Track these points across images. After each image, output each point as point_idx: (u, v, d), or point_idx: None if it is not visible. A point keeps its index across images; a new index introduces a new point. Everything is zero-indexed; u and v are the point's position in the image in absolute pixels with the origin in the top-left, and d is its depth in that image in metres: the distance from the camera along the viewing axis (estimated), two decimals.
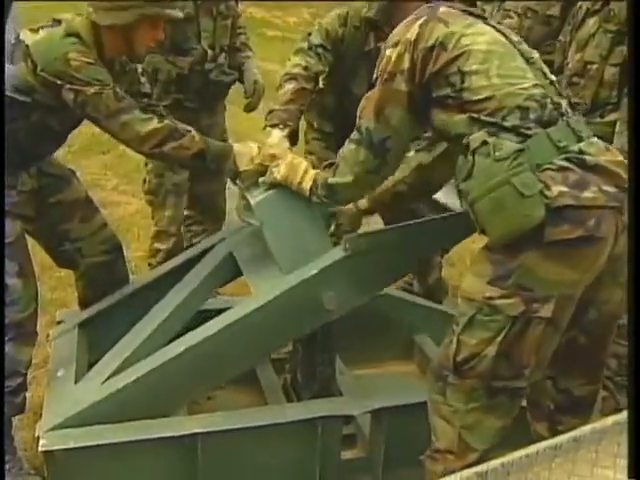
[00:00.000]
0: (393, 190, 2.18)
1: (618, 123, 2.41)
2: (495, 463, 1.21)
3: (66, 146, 2.39)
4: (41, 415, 1.97)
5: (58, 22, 2.14)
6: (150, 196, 3.15)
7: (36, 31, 2.12)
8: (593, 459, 1.25)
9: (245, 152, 2.19)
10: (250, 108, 3.26)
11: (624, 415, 1.33)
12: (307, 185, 1.99)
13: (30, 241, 2.32)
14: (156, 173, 3.06)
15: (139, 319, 2.24)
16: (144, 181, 3.17)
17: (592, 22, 2.59)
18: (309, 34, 2.73)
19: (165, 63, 2.90)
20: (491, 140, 1.61)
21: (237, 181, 2.24)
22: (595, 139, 1.69)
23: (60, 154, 2.43)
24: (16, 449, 2.24)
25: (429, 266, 3.02)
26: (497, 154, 1.59)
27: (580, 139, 1.64)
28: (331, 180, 1.92)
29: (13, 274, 2.12)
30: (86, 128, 2.28)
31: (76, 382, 2.09)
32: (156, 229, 3.15)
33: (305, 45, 2.69)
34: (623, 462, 1.25)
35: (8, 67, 2.08)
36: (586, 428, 1.29)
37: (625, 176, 1.61)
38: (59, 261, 2.49)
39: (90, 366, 2.21)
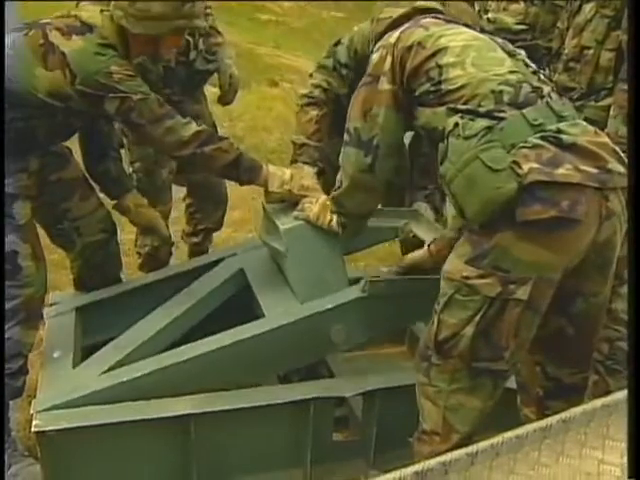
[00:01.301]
0: (450, 236, 2.15)
1: (612, 107, 2.41)
2: (485, 444, 1.23)
3: None
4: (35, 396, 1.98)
5: (88, 27, 2.11)
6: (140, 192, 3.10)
7: (69, 36, 2.08)
8: (582, 440, 1.27)
9: (278, 175, 2.23)
10: (225, 102, 3.20)
11: (613, 397, 1.35)
12: (335, 223, 2.10)
13: None
14: (147, 171, 3.00)
15: (138, 315, 2.26)
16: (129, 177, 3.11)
17: (589, 8, 2.60)
18: (336, 44, 2.53)
19: (151, 62, 2.72)
20: (462, 121, 1.63)
21: (262, 201, 2.30)
22: (581, 122, 1.67)
23: None
24: (10, 430, 2.24)
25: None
26: (466, 132, 1.61)
27: (561, 119, 1.62)
28: (335, 193, 2.01)
29: (26, 256, 2.14)
30: None
31: (74, 367, 2.09)
32: None
33: (330, 63, 2.53)
34: (612, 443, 1.27)
35: (40, 70, 2.06)
36: (575, 410, 1.31)
37: (608, 157, 1.59)
38: (56, 240, 2.49)
39: (83, 351, 2.22)
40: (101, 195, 2.55)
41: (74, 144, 2.46)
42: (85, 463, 1.92)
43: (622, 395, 1.35)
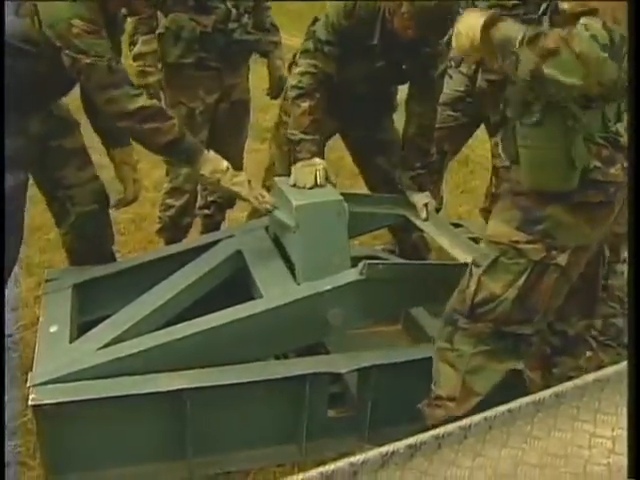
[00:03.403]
0: None
1: None
2: (478, 418, 1.23)
3: None
4: None
5: None
6: None
7: None
8: (574, 414, 1.28)
9: (214, 162, 2.23)
10: (271, 96, 3.30)
11: (605, 372, 1.36)
12: None
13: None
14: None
15: (135, 294, 2.28)
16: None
17: None
18: (314, 21, 2.52)
19: (189, 21, 2.84)
20: None
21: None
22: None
23: None
24: None
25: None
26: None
27: (619, 119, 1.74)
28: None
29: None
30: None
31: (71, 342, 2.09)
32: (170, 186, 3.12)
33: (311, 45, 2.50)
34: (603, 417, 1.28)
35: (12, 19, 2.08)
36: (568, 384, 1.32)
37: None
38: (52, 206, 2.51)
39: (80, 328, 2.22)
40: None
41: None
42: (81, 437, 1.93)
43: (614, 370, 1.36)
